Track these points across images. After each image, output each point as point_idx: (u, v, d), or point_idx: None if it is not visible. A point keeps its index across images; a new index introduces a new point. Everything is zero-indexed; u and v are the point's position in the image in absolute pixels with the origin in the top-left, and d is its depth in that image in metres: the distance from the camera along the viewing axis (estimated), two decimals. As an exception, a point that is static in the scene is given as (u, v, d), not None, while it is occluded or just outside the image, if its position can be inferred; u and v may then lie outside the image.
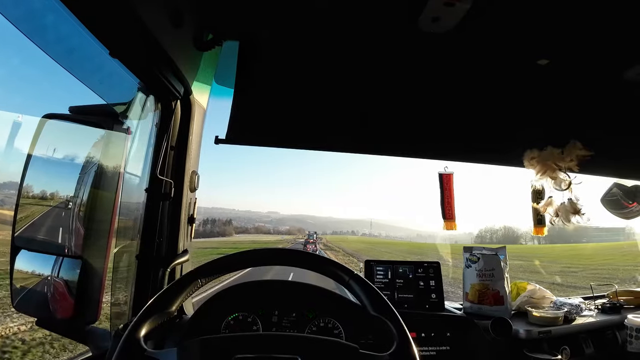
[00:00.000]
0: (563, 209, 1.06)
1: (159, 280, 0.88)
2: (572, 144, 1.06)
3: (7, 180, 7.19)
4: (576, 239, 38.56)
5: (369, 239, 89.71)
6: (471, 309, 1.13)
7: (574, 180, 1.08)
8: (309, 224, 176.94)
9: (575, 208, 1.06)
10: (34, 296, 0.86)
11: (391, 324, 0.58)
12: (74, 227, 0.87)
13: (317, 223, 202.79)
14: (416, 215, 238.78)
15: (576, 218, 1.06)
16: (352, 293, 0.64)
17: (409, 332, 0.57)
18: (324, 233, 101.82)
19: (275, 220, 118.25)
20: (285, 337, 0.63)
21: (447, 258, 16.05)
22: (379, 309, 0.60)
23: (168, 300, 0.59)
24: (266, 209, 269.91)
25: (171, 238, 0.94)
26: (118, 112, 0.91)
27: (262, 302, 0.93)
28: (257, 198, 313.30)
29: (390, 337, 0.57)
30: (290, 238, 59.55)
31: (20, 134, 1.03)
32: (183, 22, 0.80)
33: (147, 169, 0.92)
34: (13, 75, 19.62)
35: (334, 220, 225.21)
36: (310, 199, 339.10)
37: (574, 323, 1.11)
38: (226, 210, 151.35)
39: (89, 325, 0.87)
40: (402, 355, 0.55)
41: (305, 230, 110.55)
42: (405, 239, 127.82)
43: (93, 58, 0.85)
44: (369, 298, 0.61)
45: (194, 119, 0.97)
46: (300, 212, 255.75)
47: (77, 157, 0.91)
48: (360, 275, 0.64)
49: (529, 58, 0.99)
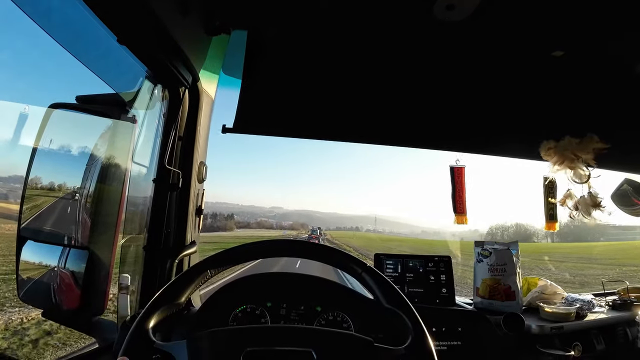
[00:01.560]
0: (583, 202, 1.03)
1: (166, 271, 0.87)
2: (589, 137, 1.03)
3: (12, 174, 7.21)
4: (593, 237, 37.02)
5: (376, 235, 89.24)
6: (482, 304, 1.11)
7: (592, 173, 1.05)
8: (313, 220, 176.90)
9: (595, 202, 1.03)
10: (40, 287, 0.86)
11: (406, 317, 0.57)
12: (80, 218, 0.86)
13: (322, 218, 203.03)
14: (421, 212, 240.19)
15: (597, 212, 1.04)
16: (365, 286, 0.62)
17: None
18: (327, 229, 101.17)
19: (279, 215, 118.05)
20: (297, 329, 0.62)
21: (456, 253, 15.96)
22: (393, 301, 0.59)
23: (177, 292, 0.58)
24: (270, 204, 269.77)
25: (179, 229, 0.92)
26: (125, 101, 0.90)
27: (270, 295, 0.92)
28: (261, 193, 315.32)
29: (405, 330, 0.55)
30: (293, 234, 58.87)
31: (26, 124, 1.01)
32: (191, 8, 0.78)
33: (155, 159, 0.91)
34: (20, 60, 19.59)
35: (338, 216, 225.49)
36: (315, 194, 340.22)
37: (585, 319, 1.10)
38: (230, 205, 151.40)
39: (96, 317, 0.86)
40: (419, 348, 0.54)
41: (309, 225, 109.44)
42: (409, 235, 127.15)
43: (101, 45, 0.83)
44: (383, 290, 0.60)
45: (202, 109, 0.96)
46: (305, 208, 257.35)
47: (84, 147, 0.90)
48: (372, 267, 0.63)
49: (543, 50, 0.97)
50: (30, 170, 0.87)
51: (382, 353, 0.53)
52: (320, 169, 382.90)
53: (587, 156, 1.04)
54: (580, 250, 25.01)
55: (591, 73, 1.02)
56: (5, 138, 7.82)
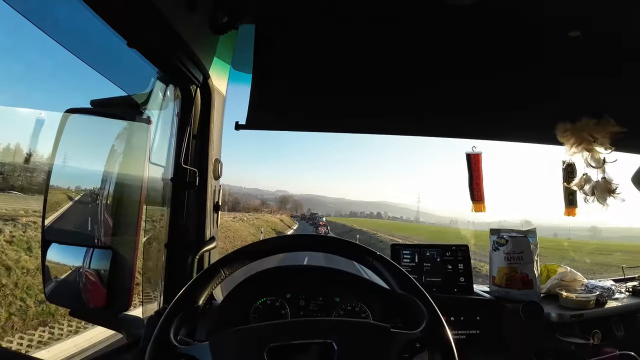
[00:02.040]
0: (599, 187, 1.01)
1: (188, 267, 0.89)
2: (606, 120, 1.01)
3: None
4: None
5: (389, 222, 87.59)
6: (498, 292, 1.11)
7: (608, 158, 1.03)
8: (318, 204, 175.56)
9: (609, 187, 1.01)
10: (66, 287, 0.88)
11: (419, 302, 0.58)
12: (102, 218, 0.88)
13: (327, 203, 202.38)
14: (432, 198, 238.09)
15: (610, 199, 1.02)
16: (378, 274, 0.63)
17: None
18: (327, 214, 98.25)
19: (287, 200, 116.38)
20: (316, 322, 0.63)
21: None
22: (405, 287, 0.60)
23: (193, 296, 0.58)
24: (275, 187, 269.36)
25: (198, 226, 0.94)
26: (139, 103, 0.90)
27: (290, 287, 0.93)
28: (267, 177, 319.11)
29: (420, 315, 0.56)
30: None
31: (44, 129, 1.03)
32: (198, 6, 0.78)
33: (171, 159, 0.92)
34: (33, 71, 19.73)
35: (345, 201, 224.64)
36: (323, 179, 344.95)
37: (605, 306, 1.09)
38: (234, 188, 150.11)
39: (122, 313, 0.88)
40: (433, 331, 0.55)
41: (309, 209, 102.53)
42: (406, 221, 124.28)
43: (112, 50, 0.84)
44: (395, 277, 0.61)
45: (214, 107, 0.96)
46: (311, 192, 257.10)
47: (101, 149, 0.91)
48: (383, 255, 0.63)
49: (559, 30, 0.94)
50: (50, 175, 0.89)
51: (399, 337, 0.54)
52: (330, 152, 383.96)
53: (604, 139, 1.02)
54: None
55: (608, 53, 0.99)
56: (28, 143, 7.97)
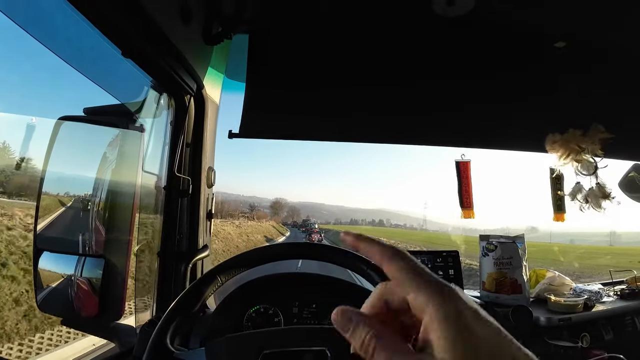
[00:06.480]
0: (593, 195, 1.04)
1: (181, 275, 0.89)
2: (595, 128, 1.03)
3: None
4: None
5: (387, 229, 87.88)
6: (488, 297, 1.13)
7: (600, 163, 1.05)
8: (316, 212, 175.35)
9: (604, 192, 1.03)
10: (58, 296, 0.87)
11: None
12: (95, 226, 0.88)
13: (326, 210, 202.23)
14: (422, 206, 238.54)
15: (606, 203, 1.04)
16: (372, 283, 0.64)
17: None
18: (327, 222, 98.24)
19: (282, 206, 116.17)
20: (311, 329, 0.63)
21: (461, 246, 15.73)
22: None
23: (190, 302, 0.58)
24: (274, 195, 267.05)
25: (191, 234, 0.94)
26: (132, 111, 0.91)
27: (282, 294, 0.94)
28: (266, 185, 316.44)
29: None
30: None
31: (35, 137, 1.03)
32: (192, 16, 0.79)
33: (164, 167, 0.92)
34: (28, 80, 19.45)
35: (345, 209, 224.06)
36: (322, 186, 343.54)
37: (593, 310, 1.11)
38: (232, 196, 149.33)
39: (114, 322, 0.88)
40: None
41: (308, 215, 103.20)
42: (410, 228, 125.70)
43: (105, 59, 0.85)
44: None
45: (207, 115, 0.97)
46: (310, 200, 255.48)
47: (94, 157, 0.91)
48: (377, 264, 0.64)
49: (546, 41, 0.96)
50: (42, 183, 0.89)
51: None
52: (328, 160, 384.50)
53: (594, 147, 1.04)
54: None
55: (594, 62, 1.02)
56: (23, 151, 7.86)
